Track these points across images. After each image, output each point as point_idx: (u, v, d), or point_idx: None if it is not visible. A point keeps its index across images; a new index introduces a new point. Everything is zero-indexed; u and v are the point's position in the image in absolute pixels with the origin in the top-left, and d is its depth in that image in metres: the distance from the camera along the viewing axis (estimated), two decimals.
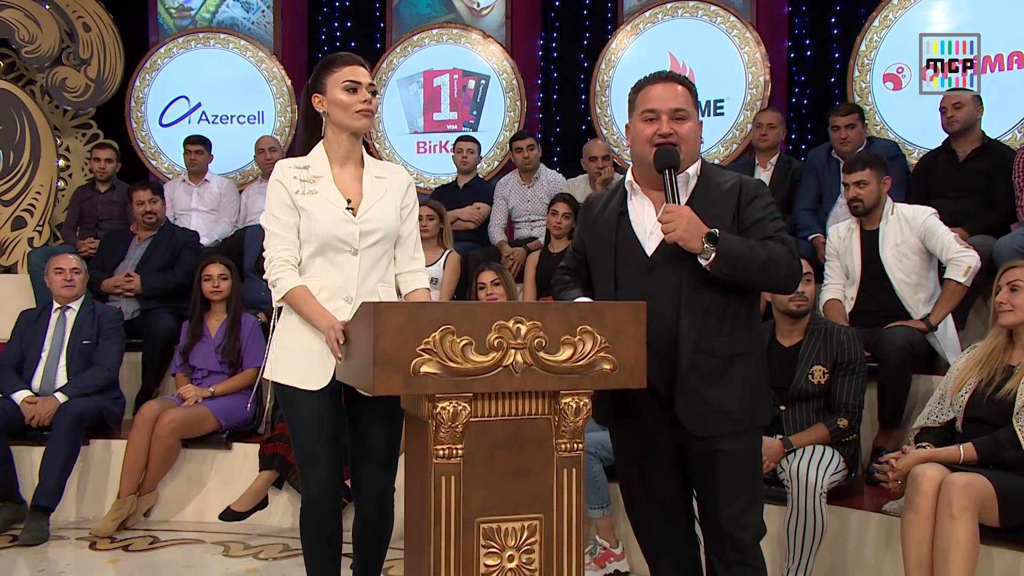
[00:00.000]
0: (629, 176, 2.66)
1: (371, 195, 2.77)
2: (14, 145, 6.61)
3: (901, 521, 2.97)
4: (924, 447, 3.14)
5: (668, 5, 6.51)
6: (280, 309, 2.77)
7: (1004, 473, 2.96)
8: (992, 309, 3.24)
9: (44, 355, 4.86)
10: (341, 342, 2.51)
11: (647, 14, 6.55)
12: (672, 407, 2.55)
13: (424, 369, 2.24)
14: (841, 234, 4.34)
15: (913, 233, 4.11)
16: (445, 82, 7.09)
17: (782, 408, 3.63)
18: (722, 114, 6.42)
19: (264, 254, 2.76)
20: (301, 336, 2.69)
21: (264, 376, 2.81)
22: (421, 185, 6.47)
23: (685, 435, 2.59)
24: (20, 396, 4.67)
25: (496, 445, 2.37)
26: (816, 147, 5.50)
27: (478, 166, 6.43)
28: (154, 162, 7.33)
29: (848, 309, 4.23)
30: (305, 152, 2.82)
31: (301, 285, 2.68)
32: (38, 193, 6.65)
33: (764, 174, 5.18)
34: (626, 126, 2.74)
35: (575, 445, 2.42)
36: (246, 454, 4.66)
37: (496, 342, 2.29)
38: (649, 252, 2.58)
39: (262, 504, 4.45)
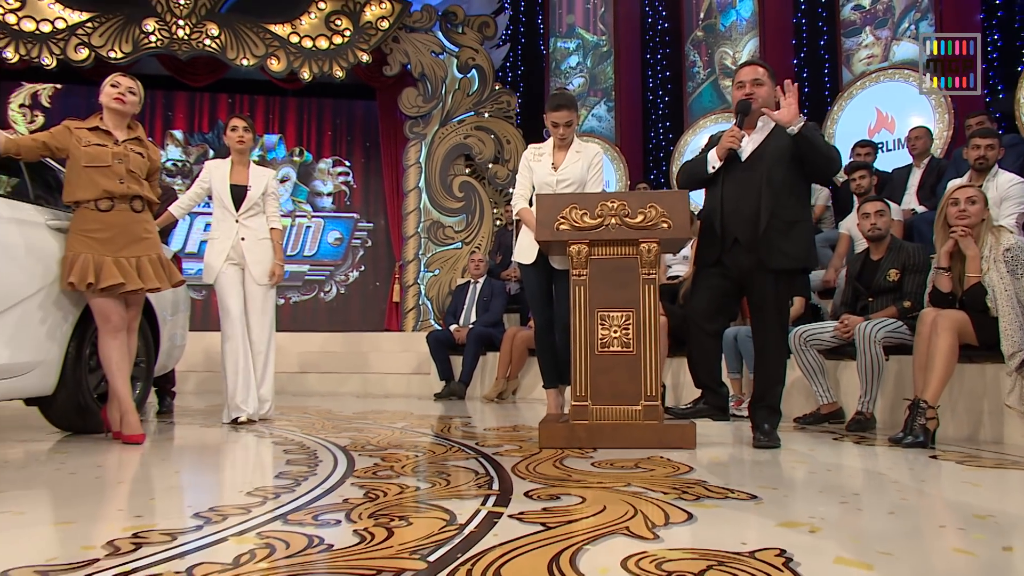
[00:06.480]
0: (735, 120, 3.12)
1: (568, 160, 3.56)
2: (471, 210, 8.42)
3: (914, 343, 3.14)
4: None
5: (873, 75, 6.54)
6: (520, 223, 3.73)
7: (976, 312, 3.03)
8: (943, 224, 3.20)
9: (465, 306, 6.34)
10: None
11: (857, 83, 6.62)
12: (756, 252, 2.93)
13: (561, 227, 3.08)
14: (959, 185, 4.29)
15: (998, 192, 4.01)
16: None
17: (870, 299, 3.82)
18: None
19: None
20: (525, 235, 3.62)
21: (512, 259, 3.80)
22: None
23: (754, 271, 2.94)
24: (452, 327, 6.19)
25: (606, 271, 3.08)
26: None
27: None
28: None
29: None
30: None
31: (525, 207, 3.61)
32: (483, 237, 8.40)
33: (918, 171, 5.09)
34: (731, 96, 3.20)
35: (651, 272, 3.04)
36: None
37: (599, 212, 3.06)
38: (743, 158, 3.04)
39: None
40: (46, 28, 7.49)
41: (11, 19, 7.42)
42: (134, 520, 1.72)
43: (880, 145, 6.14)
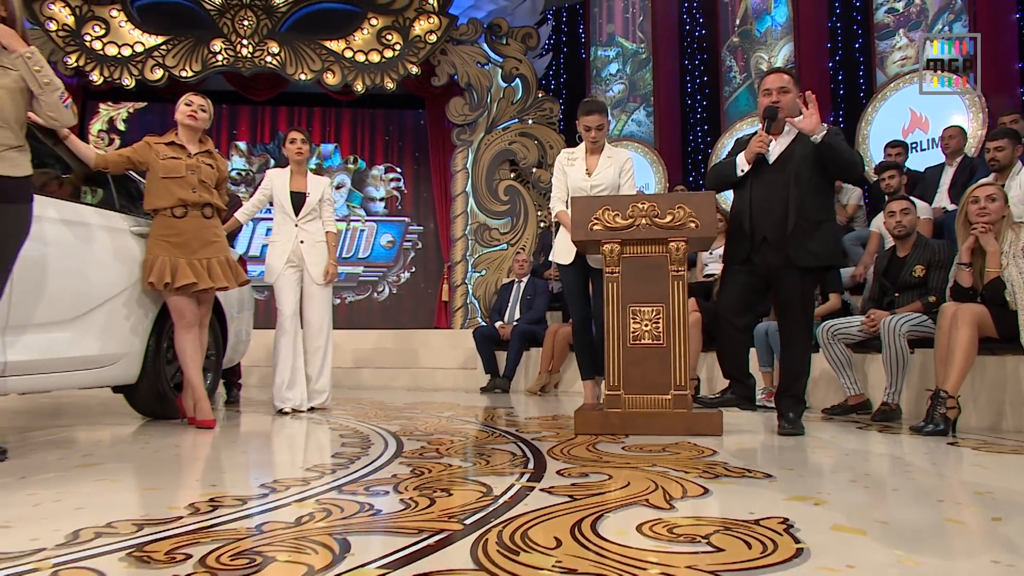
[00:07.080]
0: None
1: (601, 166, 3.64)
2: (516, 213, 8.53)
3: (935, 336, 3.15)
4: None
5: (906, 76, 6.43)
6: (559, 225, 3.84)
7: (996, 307, 3.02)
8: (964, 221, 3.17)
9: (509, 304, 6.46)
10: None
11: (891, 85, 6.52)
12: (784, 251, 2.97)
13: (595, 228, 3.18)
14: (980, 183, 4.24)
15: (1022, 190, 3.93)
16: None
17: (896, 294, 3.82)
18: None
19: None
20: (562, 236, 3.74)
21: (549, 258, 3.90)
22: None
23: (782, 269, 2.98)
24: (498, 324, 6.32)
25: (637, 268, 3.16)
26: None
27: None
28: None
29: None
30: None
31: (563, 209, 3.70)
32: (527, 238, 8.48)
33: (950, 169, 5.02)
34: (758, 102, 3.24)
35: (679, 269, 3.12)
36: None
37: (630, 213, 3.15)
38: (771, 161, 3.09)
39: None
40: (126, 52, 7.93)
41: (97, 45, 7.88)
42: (209, 488, 1.90)
43: (914, 145, 6.06)
